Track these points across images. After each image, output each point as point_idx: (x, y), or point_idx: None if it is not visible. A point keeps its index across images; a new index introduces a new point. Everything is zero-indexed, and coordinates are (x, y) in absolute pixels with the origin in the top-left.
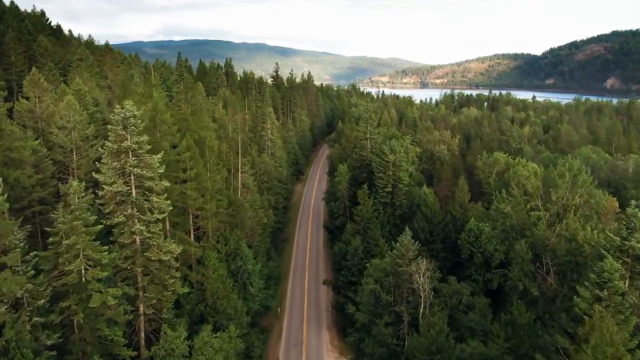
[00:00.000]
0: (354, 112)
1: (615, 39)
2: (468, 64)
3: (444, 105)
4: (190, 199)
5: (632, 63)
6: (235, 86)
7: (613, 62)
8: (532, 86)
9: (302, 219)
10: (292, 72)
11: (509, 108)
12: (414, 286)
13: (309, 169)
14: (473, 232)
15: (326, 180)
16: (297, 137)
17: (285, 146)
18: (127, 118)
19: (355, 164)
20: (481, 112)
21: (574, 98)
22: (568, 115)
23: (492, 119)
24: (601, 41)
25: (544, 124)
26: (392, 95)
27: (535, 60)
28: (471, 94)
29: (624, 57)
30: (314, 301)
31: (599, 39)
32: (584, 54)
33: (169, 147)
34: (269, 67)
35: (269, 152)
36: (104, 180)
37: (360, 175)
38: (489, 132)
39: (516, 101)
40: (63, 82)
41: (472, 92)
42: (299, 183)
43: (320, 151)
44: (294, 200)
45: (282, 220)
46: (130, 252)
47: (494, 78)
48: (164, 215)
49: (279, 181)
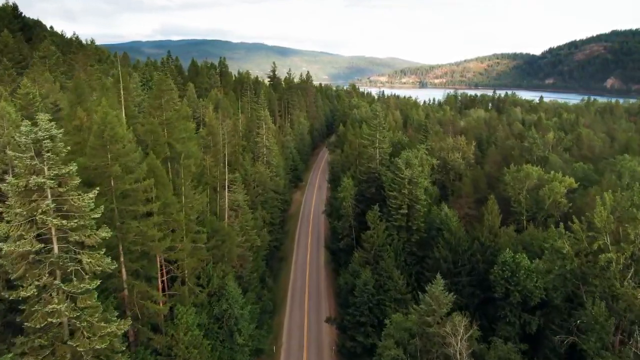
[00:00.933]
0: (356, 114)
1: (615, 38)
2: (467, 64)
3: (448, 107)
4: (153, 240)
5: (632, 63)
6: (230, 87)
7: (613, 62)
8: (531, 86)
9: (300, 233)
10: (290, 72)
11: (518, 109)
12: (449, 351)
13: (308, 175)
14: (508, 266)
15: (326, 188)
16: (296, 141)
17: (283, 152)
18: (40, 140)
19: (361, 176)
20: (489, 114)
21: (582, 99)
22: (582, 117)
23: (503, 122)
24: (601, 41)
25: (559, 128)
26: (393, 95)
27: (535, 60)
28: (475, 94)
29: (624, 57)
30: (315, 338)
31: (598, 38)
32: (584, 53)
33: (122, 173)
34: (267, 67)
35: (264, 160)
36: (7, 232)
37: (367, 190)
38: (503, 137)
39: (522, 102)
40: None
41: (475, 93)
42: (298, 190)
43: (319, 154)
44: (292, 210)
45: (278, 237)
46: (46, 341)
47: (493, 78)
48: (96, 283)
49: (276, 192)
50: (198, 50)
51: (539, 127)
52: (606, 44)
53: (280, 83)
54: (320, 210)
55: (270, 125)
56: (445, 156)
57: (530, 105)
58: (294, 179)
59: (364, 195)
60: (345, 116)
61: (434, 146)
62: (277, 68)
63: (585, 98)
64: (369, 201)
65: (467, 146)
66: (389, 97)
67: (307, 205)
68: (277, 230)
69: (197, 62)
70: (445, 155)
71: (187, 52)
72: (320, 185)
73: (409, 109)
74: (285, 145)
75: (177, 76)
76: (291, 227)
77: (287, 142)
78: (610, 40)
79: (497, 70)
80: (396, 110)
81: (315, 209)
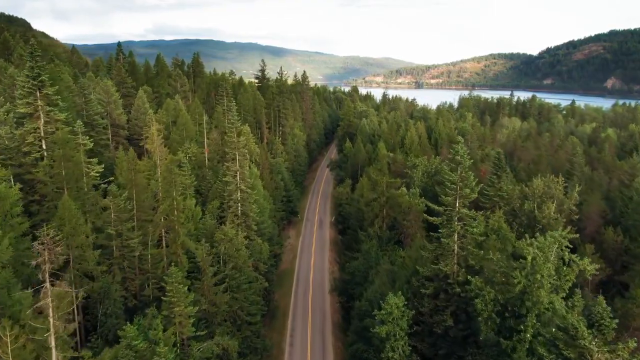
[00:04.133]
0: (366, 126)
1: (613, 38)
2: (463, 64)
3: (470, 113)
4: None
5: (632, 63)
6: (202, 91)
7: (612, 62)
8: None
9: (296, 316)
10: (282, 71)
11: (560, 117)
12: None
13: (305, 202)
14: None
15: (329, 222)
16: (290, 160)
17: (272, 180)
18: None
19: (423, 289)
20: (527, 124)
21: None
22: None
23: (556, 135)
24: (599, 40)
25: (622, 142)
26: (398, 97)
27: (532, 60)
28: (491, 97)
29: (623, 57)
30: None
31: (597, 38)
32: (582, 53)
33: None
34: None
35: (237, 211)
36: None
37: (436, 318)
38: (582, 165)
39: (549, 106)
40: None
41: (492, 95)
42: (292, 229)
43: (318, 170)
44: (283, 266)
45: (257, 340)
46: None
47: (490, 78)
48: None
49: (256, 268)
50: (191, 50)
51: (600, 140)
52: (605, 44)
53: (271, 85)
54: (324, 267)
55: (251, 148)
56: (534, 210)
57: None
58: (287, 211)
59: (426, 323)
60: (351, 127)
61: (509, 192)
62: (266, 67)
63: (617, 102)
64: (437, 338)
65: (569, 196)
66: (395, 99)
67: (305, 256)
68: (253, 337)
69: (165, 60)
70: (533, 206)
71: (179, 52)
72: (322, 219)
73: (435, 121)
74: (275, 170)
75: (126, 77)
76: (282, 303)
77: (277, 165)
78: (608, 40)
79: (494, 71)
80: (420, 121)
81: (318, 262)
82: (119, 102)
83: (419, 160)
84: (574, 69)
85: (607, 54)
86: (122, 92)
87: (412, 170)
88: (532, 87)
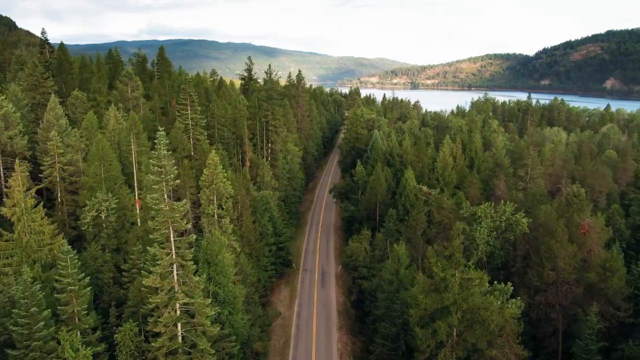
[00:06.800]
0: (379, 141)
1: (611, 38)
2: (459, 64)
3: (495, 120)
4: None
5: (632, 63)
6: (160, 98)
7: (611, 62)
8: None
9: None
10: (271, 70)
11: (614, 127)
12: None
13: (301, 240)
14: None
15: (335, 273)
16: (281, 186)
17: (253, 229)
18: None
19: None
20: (576, 137)
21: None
22: None
23: (625, 154)
24: (597, 41)
25: None
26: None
27: (529, 60)
28: (508, 100)
29: (622, 57)
30: None
31: (594, 38)
32: (580, 53)
33: None
34: (255, 68)
35: (175, 344)
36: None
37: None
38: None
39: (577, 110)
40: None
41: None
42: (284, 287)
43: (317, 191)
44: (274, 343)
45: None
46: None
47: (486, 79)
48: None
49: None
50: (185, 50)
51: None
52: (602, 44)
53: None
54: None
55: (221, 188)
56: None
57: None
58: (276, 265)
59: None
60: (359, 140)
61: None
62: (254, 65)
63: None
64: None
65: None
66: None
67: (302, 345)
68: None
69: (101, 56)
70: None
71: (173, 52)
72: (324, 270)
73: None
74: (260, 208)
75: (46, 78)
76: None
77: (264, 200)
78: (606, 40)
79: (490, 71)
80: (458, 135)
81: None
82: (17, 117)
83: (481, 208)
84: (571, 69)
85: (605, 55)
86: (37, 101)
87: (473, 226)
88: (529, 87)
